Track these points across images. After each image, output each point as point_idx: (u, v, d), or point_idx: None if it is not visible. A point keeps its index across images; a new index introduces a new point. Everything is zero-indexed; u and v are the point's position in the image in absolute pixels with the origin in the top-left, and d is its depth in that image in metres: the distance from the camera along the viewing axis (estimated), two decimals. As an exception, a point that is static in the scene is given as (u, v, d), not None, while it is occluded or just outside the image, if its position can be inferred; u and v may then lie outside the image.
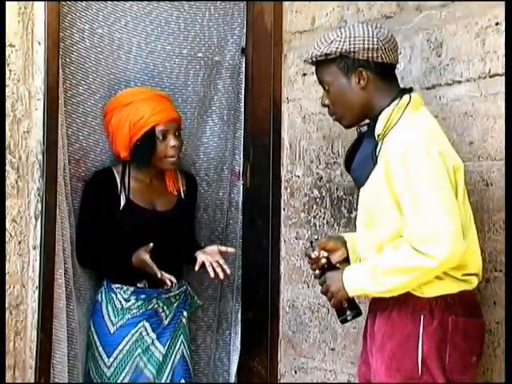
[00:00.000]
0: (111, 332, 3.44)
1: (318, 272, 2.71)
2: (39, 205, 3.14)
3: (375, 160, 2.56)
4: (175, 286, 3.50)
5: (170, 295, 3.50)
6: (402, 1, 3.13)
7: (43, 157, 3.15)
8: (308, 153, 3.49)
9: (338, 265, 2.75)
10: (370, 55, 2.61)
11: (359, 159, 2.67)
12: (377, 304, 2.64)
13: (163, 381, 3.48)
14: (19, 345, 3.13)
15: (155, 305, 3.48)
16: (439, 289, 2.51)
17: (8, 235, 3.08)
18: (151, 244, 3.32)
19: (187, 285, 3.62)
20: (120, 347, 3.43)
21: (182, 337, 3.54)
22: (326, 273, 2.68)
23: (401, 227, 2.52)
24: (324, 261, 2.71)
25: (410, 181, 2.46)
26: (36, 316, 3.14)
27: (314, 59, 2.69)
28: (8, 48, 3.07)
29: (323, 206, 3.44)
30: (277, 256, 3.59)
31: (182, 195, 3.58)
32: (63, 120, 3.29)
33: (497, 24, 2.83)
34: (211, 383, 3.83)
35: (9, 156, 3.09)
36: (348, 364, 3.36)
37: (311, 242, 2.82)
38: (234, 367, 3.74)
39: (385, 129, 2.57)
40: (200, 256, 3.45)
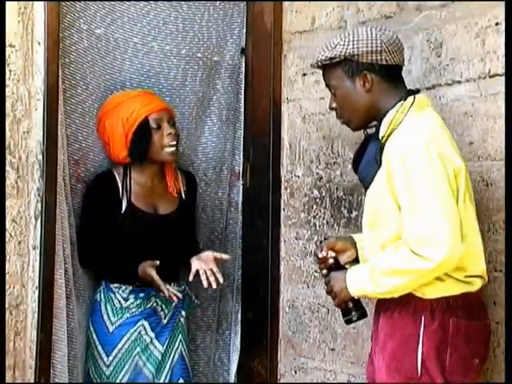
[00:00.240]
0: (110, 331, 3.44)
1: (325, 272, 2.71)
2: (39, 205, 3.14)
3: (379, 161, 2.56)
4: (174, 286, 3.50)
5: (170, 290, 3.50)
6: (402, 1, 3.13)
7: (43, 157, 3.15)
8: (308, 153, 3.49)
9: (347, 265, 2.74)
10: (374, 58, 2.61)
11: (365, 161, 2.68)
12: (381, 305, 2.65)
13: (162, 380, 3.48)
14: (19, 345, 3.13)
15: (154, 303, 3.48)
16: (441, 290, 2.51)
17: (8, 235, 3.08)
18: (157, 262, 3.33)
19: (185, 284, 3.62)
20: (119, 346, 3.43)
21: (181, 336, 3.55)
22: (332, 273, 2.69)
23: (401, 228, 2.52)
24: (331, 261, 2.71)
25: (409, 182, 2.46)
26: (36, 316, 3.14)
27: (320, 63, 2.70)
28: (8, 48, 3.07)
29: (323, 206, 3.44)
30: (277, 256, 3.59)
31: (183, 195, 3.58)
32: (63, 120, 3.29)
33: (497, 24, 2.83)
34: (211, 383, 3.83)
35: (9, 156, 3.08)
36: (348, 364, 3.36)
37: (320, 242, 2.81)
38: (234, 367, 3.74)
39: (388, 130, 2.57)
40: (194, 264, 3.43)
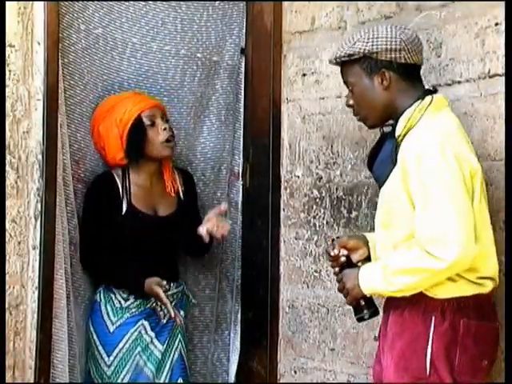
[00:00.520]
0: (111, 331, 3.44)
1: (337, 270, 2.71)
2: (39, 205, 3.14)
3: (395, 160, 2.56)
4: (173, 286, 3.52)
5: (169, 294, 3.49)
6: (402, 1, 3.13)
7: (43, 157, 3.15)
8: (308, 153, 3.49)
9: (360, 264, 2.73)
10: (393, 56, 2.60)
11: (380, 159, 2.67)
12: (390, 303, 2.64)
13: (162, 379, 3.48)
14: (19, 345, 3.13)
15: (153, 303, 3.48)
16: (452, 291, 2.51)
17: (8, 235, 3.08)
18: (165, 282, 3.35)
19: (184, 284, 3.63)
20: (120, 346, 3.43)
21: (180, 335, 3.55)
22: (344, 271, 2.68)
23: (414, 227, 2.51)
24: (343, 259, 2.70)
25: (423, 182, 2.46)
26: (36, 316, 3.14)
27: (338, 60, 2.69)
28: (8, 48, 3.07)
29: (323, 206, 3.44)
30: (276, 256, 3.59)
31: (181, 195, 3.58)
32: (63, 120, 3.29)
33: (496, 24, 2.83)
34: (210, 383, 3.83)
35: (8, 156, 3.08)
36: (348, 364, 3.36)
37: (332, 240, 2.81)
38: (234, 367, 3.74)
39: (405, 129, 2.57)
40: (200, 230, 3.45)
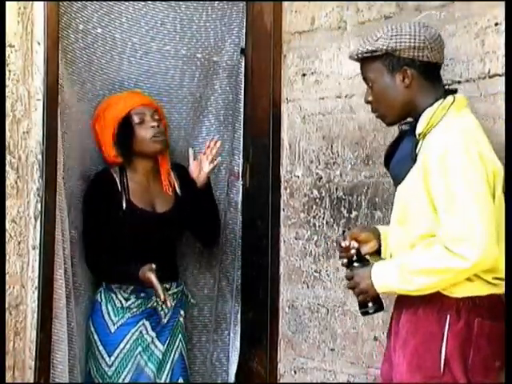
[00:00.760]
0: (112, 331, 3.44)
1: (346, 262, 2.70)
2: (39, 205, 3.14)
3: (415, 158, 2.56)
4: (173, 285, 3.52)
5: (169, 293, 3.50)
6: (402, 1, 3.13)
7: (43, 157, 3.15)
8: (307, 153, 3.49)
9: (368, 256, 2.74)
10: (416, 54, 2.59)
11: (399, 157, 2.67)
12: (403, 301, 2.62)
13: (163, 379, 3.49)
14: (19, 345, 3.13)
15: (154, 303, 3.49)
16: (468, 290, 2.51)
17: (8, 235, 3.08)
18: (154, 265, 3.33)
19: (184, 284, 3.63)
20: (121, 346, 3.43)
21: (181, 335, 3.56)
22: (354, 264, 2.67)
23: (433, 227, 2.51)
24: (354, 251, 2.69)
25: (448, 180, 2.45)
26: (35, 316, 3.14)
27: (360, 55, 2.68)
28: (8, 48, 3.07)
29: (323, 207, 3.44)
30: (276, 256, 3.59)
31: (178, 191, 3.58)
32: (63, 120, 3.29)
33: (496, 24, 2.84)
34: (210, 383, 3.83)
35: (8, 156, 3.08)
36: (347, 364, 3.36)
37: (343, 232, 2.80)
38: (234, 367, 3.74)
39: (426, 128, 2.56)
40: (192, 169, 3.57)
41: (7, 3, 3.03)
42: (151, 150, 3.49)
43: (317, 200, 3.46)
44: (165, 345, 3.50)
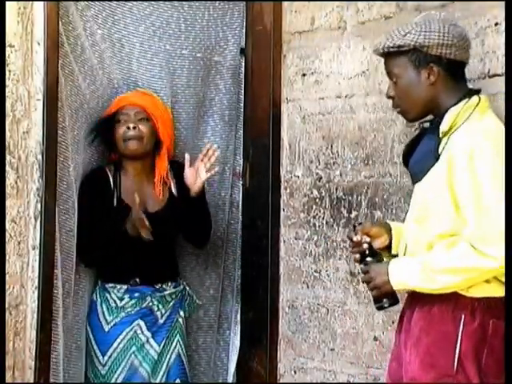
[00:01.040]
0: (106, 330, 3.44)
1: (358, 257, 2.68)
2: (38, 205, 3.14)
3: (437, 156, 2.53)
4: (170, 285, 3.52)
5: (165, 294, 3.50)
6: (402, 1, 3.13)
7: (42, 157, 3.15)
8: (307, 153, 3.49)
9: (379, 251, 2.72)
10: (443, 51, 2.56)
11: (419, 155, 2.64)
12: (416, 298, 2.60)
13: (158, 379, 3.48)
14: (19, 345, 3.13)
15: (150, 303, 3.48)
16: (485, 291, 2.49)
17: (7, 235, 3.08)
18: (137, 198, 3.33)
19: (185, 284, 3.62)
20: (114, 345, 3.43)
21: (179, 336, 3.55)
22: (367, 259, 2.66)
23: (454, 226, 2.49)
24: (366, 246, 2.67)
25: (476, 180, 2.44)
26: (35, 316, 3.14)
27: (386, 50, 2.63)
28: (8, 48, 3.07)
29: (323, 206, 3.44)
30: (276, 256, 3.59)
31: (173, 190, 3.57)
32: (63, 120, 3.29)
33: (496, 24, 2.84)
34: (210, 383, 3.83)
35: (8, 156, 3.09)
36: (347, 364, 3.36)
37: (354, 226, 2.78)
38: (233, 367, 3.74)
39: (450, 127, 2.54)
40: (188, 175, 3.49)
41: (7, 3, 3.03)
42: (123, 152, 3.48)
43: (317, 200, 3.46)
44: (161, 345, 3.49)
